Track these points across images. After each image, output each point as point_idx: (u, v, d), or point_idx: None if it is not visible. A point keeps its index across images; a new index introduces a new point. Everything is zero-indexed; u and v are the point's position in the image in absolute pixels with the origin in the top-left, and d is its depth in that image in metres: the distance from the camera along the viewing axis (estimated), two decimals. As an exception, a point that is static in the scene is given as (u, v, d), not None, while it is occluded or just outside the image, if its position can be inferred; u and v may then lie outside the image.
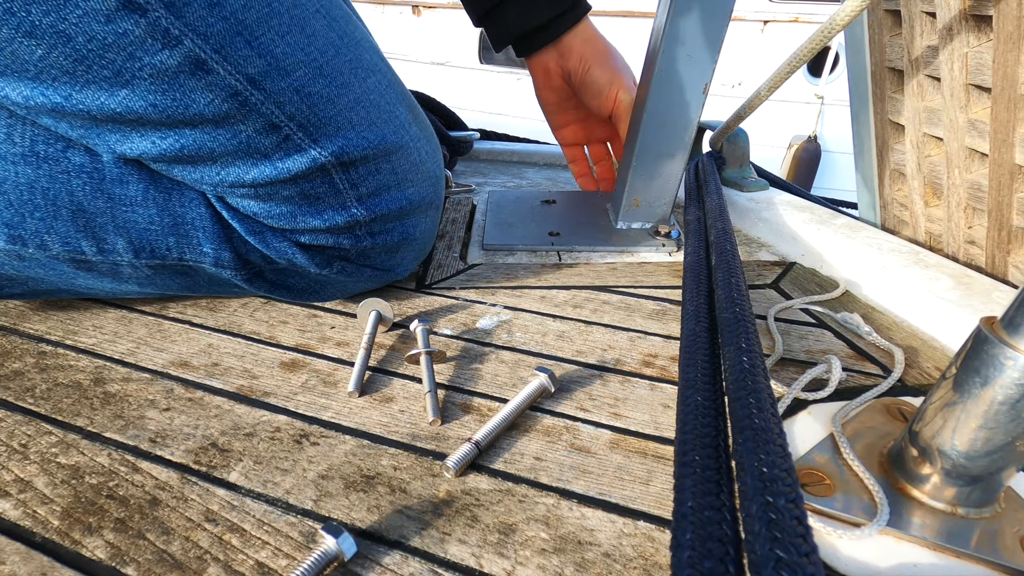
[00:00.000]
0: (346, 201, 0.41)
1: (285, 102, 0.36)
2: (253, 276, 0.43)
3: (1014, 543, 0.27)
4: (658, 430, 0.35)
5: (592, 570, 0.26)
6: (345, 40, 0.39)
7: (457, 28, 4.61)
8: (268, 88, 0.35)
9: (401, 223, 0.45)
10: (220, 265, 0.41)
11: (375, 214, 0.42)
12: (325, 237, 0.42)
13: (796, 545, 0.17)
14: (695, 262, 0.43)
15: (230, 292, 0.47)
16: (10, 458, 0.31)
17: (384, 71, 0.43)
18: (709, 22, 0.50)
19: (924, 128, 0.55)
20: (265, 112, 0.36)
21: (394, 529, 0.28)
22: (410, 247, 0.47)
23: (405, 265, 0.48)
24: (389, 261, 0.46)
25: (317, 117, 0.37)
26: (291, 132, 0.37)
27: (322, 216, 0.41)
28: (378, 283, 0.49)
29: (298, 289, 0.46)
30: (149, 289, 0.44)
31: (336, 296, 0.48)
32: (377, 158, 0.41)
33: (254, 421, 0.34)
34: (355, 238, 0.43)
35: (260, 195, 0.39)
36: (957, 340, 0.42)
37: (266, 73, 0.35)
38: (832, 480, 0.30)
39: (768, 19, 3.99)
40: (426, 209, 0.46)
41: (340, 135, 0.38)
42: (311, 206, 0.40)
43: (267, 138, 0.37)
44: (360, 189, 0.41)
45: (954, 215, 0.54)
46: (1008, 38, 0.42)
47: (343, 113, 0.38)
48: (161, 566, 0.25)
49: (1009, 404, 0.24)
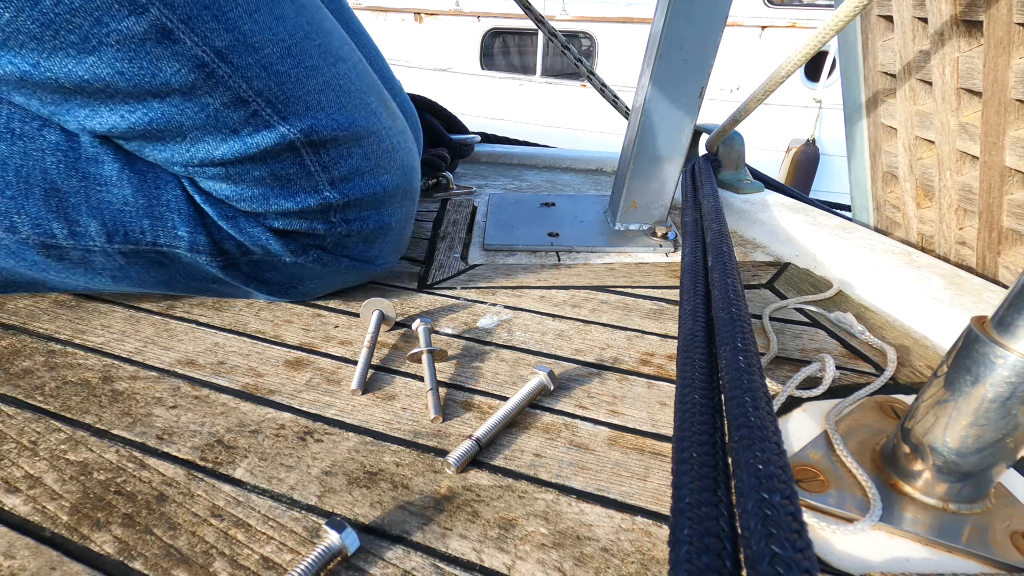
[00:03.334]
0: (318, 184, 0.41)
1: (253, 77, 0.37)
2: (228, 265, 0.43)
3: (1004, 538, 0.27)
4: (655, 427, 0.35)
5: (591, 564, 0.26)
6: (314, 26, 0.40)
7: (459, 35, 4.62)
8: (235, 62, 0.36)
9: (376, 211, 0.45)
10: (195, 250, 0.41)
11: (348, 198, 0.42)
12: (299, 222, 0.42)
13: (791, 540, 0.18)
14: (692, 263, 0.44)
15: (207, 289, 0.46)
16: (20, 455, 0.32)
17: (354, 61, 0.44)
18: (705, 27, 0.51)
19: (916, 131, 0.56)
20: (232, 85, 0.36)
21: (396, 524, 0.28)
22: (387, 237, 0.47)
23: (384, 257, 0.48)
24: (368, 252, 0.46)
25: (285, 95, 0.38)
26: (259, 107, 0.37)
27: (294, 198, 0.41)
28: (358, 277, 0.48)
29: (275, 284, 0.46)
30: (124, 284, 0.43)
31: (316, 292, 0.48)
32: (348, 141, 0.41)
33: (259, 418, 0.35)
34: (330, 224, 0.43)
35: (231, 176, 0.39)
36: (948, 339, 0.43)
37: (233, 47, 0.35)
38: (826, 476, 0.31)
39: (766, 24, 4.01)
40: (400, 198, 0.47)
41: (309, 114, 0.39)
42: (283, 188, 0.40)
43: (235, 112, 0.37)
44: (332, 172, 0.41)
45: (945, 216, 0.55)
46: (998, 43, 0.43)
47: (312, 94, 0.39)
48: (168, 560, 0.26)
49: (999, 402, 0.25)
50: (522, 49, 4.71)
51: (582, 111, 4.42)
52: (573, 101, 4.51)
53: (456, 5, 4.62)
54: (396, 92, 0.66)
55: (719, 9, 0.51)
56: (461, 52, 4.68)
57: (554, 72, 4.61)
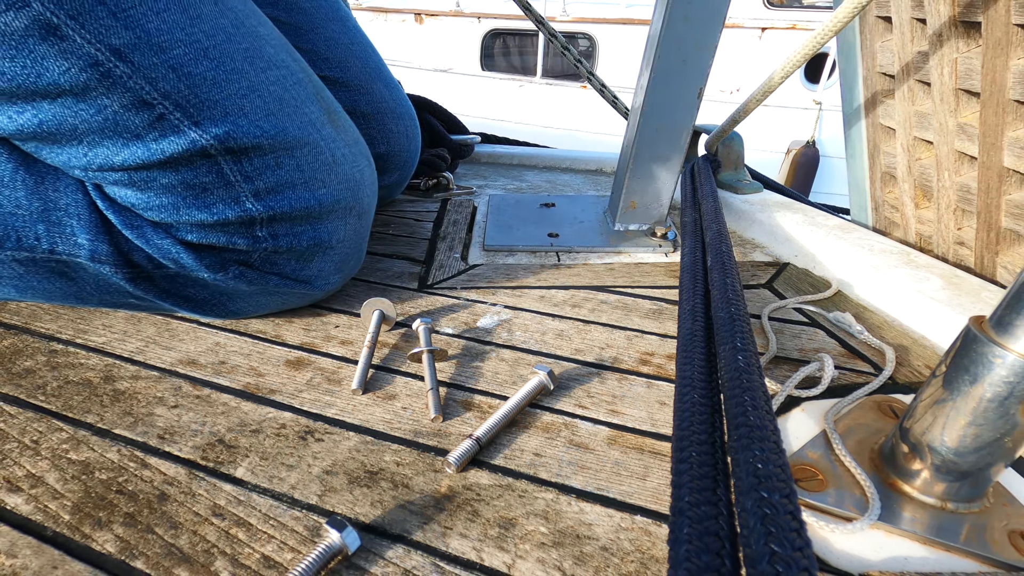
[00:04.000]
0: (239, 195, 0.38)
1: (158, 79, 0.34)
2: (139, 278, 0.40)
3: (1002, 537, 0.28)
4: (655, 427, 0.35)
5: (590, 563, 0.26)
6: (241, 30, 0.38)
7: (459, 36, 4.63)
8: (137, 62, 0.33)
9: (311, 226, 0.41)
10: (98, 260, 0.38)
11: (275, 212, 0.39)
12: (216, 235, 0.39)
13: (790, 539, 0.18)
14: (691, 263, 0.44)
15: (125, 304, 0.43)
16: (22, 454, 0.32)
17: (293, 69, 0.41)
18: (703, 29, 0.52)
19: (915, 132, 0.56)
20: (133, 87, 0.33)
21: (397, 523, 0.28)
22: (327, 256, 0.43)
23: (325, 277, 0.44)
24: (303, 270, 0.43)
25: (199, 99, 0.35)
26: (166, 111, 0.34)
27: (210, 209, 0.38)
28: (298, 299, 0.45)
29: (198, 301, 0.43)
30: (29, 295, 0.41)
31: (249, 312, 0.44)
32: (276, 150, 0.38)
33: (260, 418, 0.35)
34: (253, 239, 0.39)
35: (136, 182, 0.36)
36: (947, 339, 0.43)
37: (134, 46, 0.33)
38: (825, 475, 0.31)
39: (766, 26, 4.02)
40: (344, 215, 0.43)
41: (228, 120, 0.36)
42: (196, 198, 0.37)
43: (137, 116, 0.34)
44: (256, 183, 0.38)
45: (944, 217, 0.55)
46: (996, 44, 0.43)
47: (232, 99, 0.36)
48: (169, 559, 0.26)
49: (998, 401, 0.25)
50: (522, 50, 4.72)
51: (582, 112, 4.42)
52: (573, 102, 4.51)
53: (456, 6, 4.63)
54: (396, 92, 0.66)
55: (717, 11, 0.51)
56: (461, 53, 4.69)
57: (554, 73, 4.62)
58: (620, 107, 0.87)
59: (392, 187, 0.69)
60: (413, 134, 0.67)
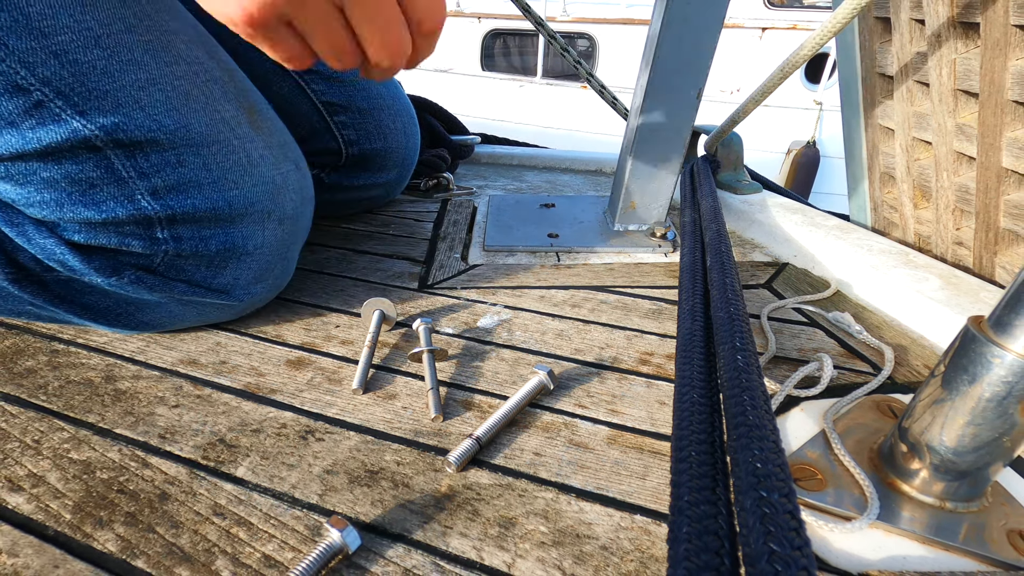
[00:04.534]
0: (133, 192, 0.36)
1: (36, 63, 0.32)
2: (25, 281, 0.37)
3: (1001, 536, 0.28)
4: (654, 426, 0.35)
5: (590, 563, 0.26)
6: (145, 22, 0.36)
7: (459, 36, 4.64)
8: (11, 45, 0.31)
9: (222, 230, 0.39)
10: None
11: (176, 212, 0.37)
12: (106, 235, 0.36)
13: (789, 538, 0.18)
14: (690, 263, 0.44)
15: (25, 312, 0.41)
16: (23, 454, 0.32)
17: (208, 67, 0.39)
18: (702, 30, 0.52)
19: (913, 132, 0.56)
20: (5, 71, 0.32)
21: (397, 523, 0.28)
22: (241, 263, 0.40)
23: (245, 288, 0.42)
24: (215, 278, 0.40)
25: (86, 88, 0.33)
26: (45, 98, 0.33)
27: (99, 207, 0.35)
28: (218, 311, 0.42)
29: (100, 310, 0.40)
30: None
31: (162, 325, 0.42)
32: (177, 147, 0.36)
33: (261, 417, 0.35)
34: (151, 240, 0.37)
35: (14, 175, 0.34)
36: (945, 339, 0.43)
37: (9, 28, 0.31)
38: (824, 475, 0.31)
39: (766, 26, 4.02)
40: (260, 219, 0.40)
41: (119, 112, 0.34)
42: (83, 194, 0.35)
43: (10, 102, 0.32)
44: (153, 180, 0.36)
45: (942, 217, 0.55)
46: (995, 44, 0.44)
47: (127, 89, 0.34)
48: (170, 559, 0.26)
49: (996, 401, 0.25)
50: (523, 50, 4.72)
51: (582, 112, 4.43)
52: (573, 102, 4.51)
53: (457, 6, 4.63)
54: (393, 88, 0.65)
55: (716, 11, 0.51)
56: (462, 53, 4.69)
57: (555, 73, 4.62)
58: (620, 108, 0.88)
59: (391, 185, 0.68)
60: (411, 131, 0.66)
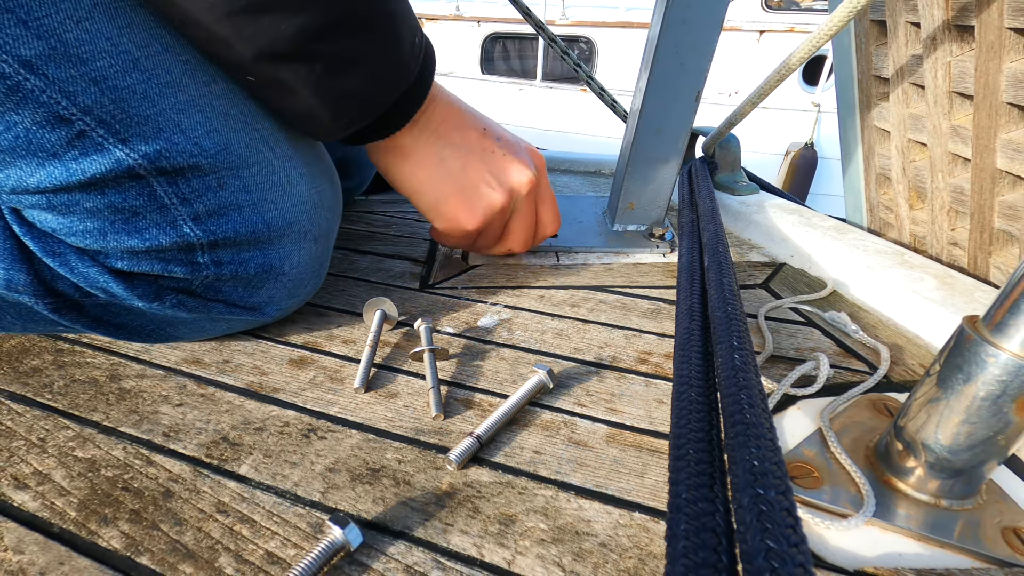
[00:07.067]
0: (176, 218, 0.35)
1: (77, 92, 0.30)
2: (64, 308, 0.37)
3: (995, 533, 0.28)
4: (653, 425, 0.36)
5: (589, 560, 0.27)
6: (181, 41, 0.34)
7: (459, 39, 4.65)
8: (51, 75, 0.30)
9: (260, 251, 0.38)
10: (14, 289, 0.34)
11: (217, 236, 0.36)
12: (149, 263, 0.35)
13: (786, 535, 0.18)
14: (688, 263, 0.45)
15: (52, 330, 0.41)
16: (29, 452, 0.32)
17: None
18: (701, 32, 0.52)
19: (909, 134, 0.57)
20: (47, 102, 0.30)
21: (398, 520, 0.28)
22: (277, 283, 0.40)
23: (277, 303, 0.41)
24: (251, 297, 0.40)
25: (127, 114, 0.32)
26: (87, 128, 0.31)
27: (142, 235, 0.34)
28: (244, 325, 0.42)
29: (132, 328, 0.39)
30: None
31: (190, 338, 0.42)
32: (219, 170, 0.35)
33: (264, 416, 0.35)
34: (193, 266, 0.36)
35: (57, 206, 0.33)
36: (941, 338, 0.43)
37: (48, 57, 0.29)
38: (820, 473, 0.31)
39: (764, 29, 4.04)
40: (298, 239, 0.40)
41: (161, 137, 0.33)
42: (126, 223, 0.34)
43: (53, 133, 0.31)
44: (195, 206, 0.35)
45: (938, 218, 0.56)
46: (990, 47, 0.44)
47: (167, 113, 0.33)
48: (174, 555, 0.26)
49: (991, 400, 0.25)
50: (522, 54, 4.73)
51: (581, 115, 4.44)
52: (573, 105, 4.52)
53: (457, 10, 4.65)
54: None
55: (715, 14, 0.51)
56: (462, 56, 4.70)
57: (554, 76, 4.63)
58: (619, 110, 0.88)
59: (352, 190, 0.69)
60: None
